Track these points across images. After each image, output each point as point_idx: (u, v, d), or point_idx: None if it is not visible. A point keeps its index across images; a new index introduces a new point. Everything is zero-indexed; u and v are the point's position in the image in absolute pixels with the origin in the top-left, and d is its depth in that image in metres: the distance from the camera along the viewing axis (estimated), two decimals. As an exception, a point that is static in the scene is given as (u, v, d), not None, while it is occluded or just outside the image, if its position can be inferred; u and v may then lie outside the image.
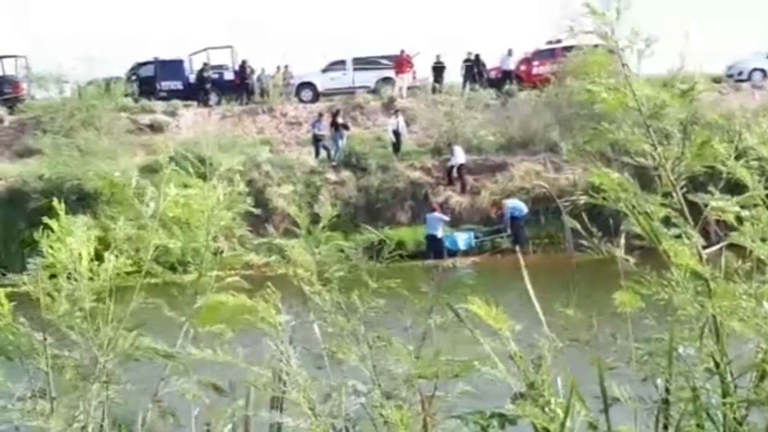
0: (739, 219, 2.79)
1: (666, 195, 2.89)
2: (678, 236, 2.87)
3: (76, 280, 3.20)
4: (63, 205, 3.27)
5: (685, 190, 2.88)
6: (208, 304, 3.47)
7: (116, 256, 3.27)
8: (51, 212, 3.26)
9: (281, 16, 76.68)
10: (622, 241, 3.14)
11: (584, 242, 3.20)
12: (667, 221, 2.90)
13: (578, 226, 3.23)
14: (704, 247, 2.86)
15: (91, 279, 3.22)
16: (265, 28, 71.91)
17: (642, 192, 2.92)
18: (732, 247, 2.93)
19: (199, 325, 3.48)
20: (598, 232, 3.19)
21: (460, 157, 29.70)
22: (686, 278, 2.83)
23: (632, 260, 3.07)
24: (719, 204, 2.72)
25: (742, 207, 2.70)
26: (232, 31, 64.73)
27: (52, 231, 3.20)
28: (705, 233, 2.91)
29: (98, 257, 3.26)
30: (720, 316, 2.72)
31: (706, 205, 2.86)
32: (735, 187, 2.87)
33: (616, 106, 2.93)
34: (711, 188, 2.86)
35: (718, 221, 2.90)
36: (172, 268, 3.63)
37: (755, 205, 2.73)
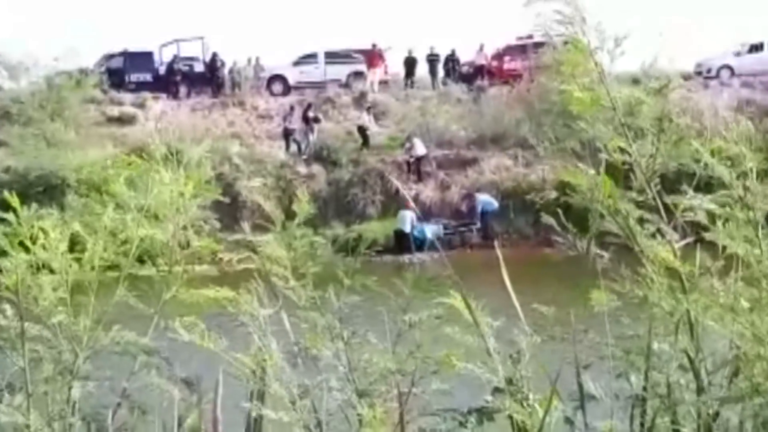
0: (711, 217, 2.80)
1: (640, 192, 2.89)
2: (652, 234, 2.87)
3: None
4: (28, 197, 3.22)
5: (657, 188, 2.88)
6: (184, 297, 3.43)
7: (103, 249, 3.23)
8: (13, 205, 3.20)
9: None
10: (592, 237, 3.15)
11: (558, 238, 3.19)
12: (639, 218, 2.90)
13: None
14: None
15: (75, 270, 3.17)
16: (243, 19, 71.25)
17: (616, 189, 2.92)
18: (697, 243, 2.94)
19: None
20: (572, 228, 3.19)
21: (419, 149, 29.76)
22: (661, 274, 2.84)
23: (606, 256, 3.08)
24: (694, 202, 2.72)
25: (722, 206, 2.70)
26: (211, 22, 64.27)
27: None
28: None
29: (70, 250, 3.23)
30: (695, 312, 2.73)
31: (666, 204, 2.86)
32: (703, 186, 2.87)
33: (590, 105, 2.92)
34: (684, 187, 2.87)
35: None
36: (140, 261, 3.59)
37: (728, 204, 2.73)
